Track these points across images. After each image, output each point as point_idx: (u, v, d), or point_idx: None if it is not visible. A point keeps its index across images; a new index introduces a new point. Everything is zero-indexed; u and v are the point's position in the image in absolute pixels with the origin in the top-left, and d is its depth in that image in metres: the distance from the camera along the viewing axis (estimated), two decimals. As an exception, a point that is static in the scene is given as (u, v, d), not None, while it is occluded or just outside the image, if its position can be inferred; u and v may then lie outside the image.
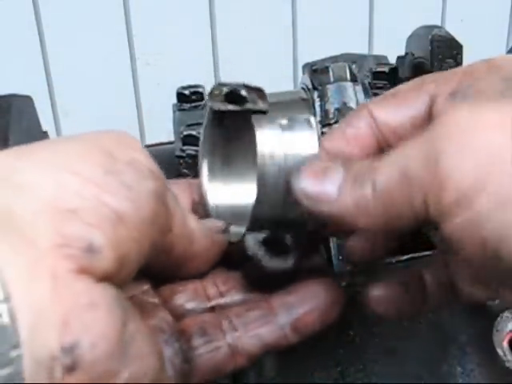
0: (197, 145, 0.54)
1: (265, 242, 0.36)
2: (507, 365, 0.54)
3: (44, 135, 0.63)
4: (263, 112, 0.38)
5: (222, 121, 0.40)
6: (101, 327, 0.26)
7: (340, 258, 0.52)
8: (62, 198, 0.28)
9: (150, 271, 0.34)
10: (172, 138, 0.58)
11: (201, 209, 0.41)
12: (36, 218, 0.27)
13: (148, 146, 0.66)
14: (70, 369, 0.25)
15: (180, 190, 0.40)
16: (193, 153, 0.54)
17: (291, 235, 0.37)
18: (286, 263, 0.36)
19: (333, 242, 0.52)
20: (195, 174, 0.55)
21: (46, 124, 0.64)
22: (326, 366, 0.55)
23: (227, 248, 0.38)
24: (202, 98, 0.60)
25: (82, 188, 0.28)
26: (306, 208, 0.33)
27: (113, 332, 0.27)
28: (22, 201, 0.27)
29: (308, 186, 0.32)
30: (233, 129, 0.40)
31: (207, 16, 1.05)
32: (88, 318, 0.26)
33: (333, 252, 0.52)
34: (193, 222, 0.36)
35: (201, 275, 0.38)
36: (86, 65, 1.05)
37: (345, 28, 1.12)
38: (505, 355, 0.54)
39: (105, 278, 0.28)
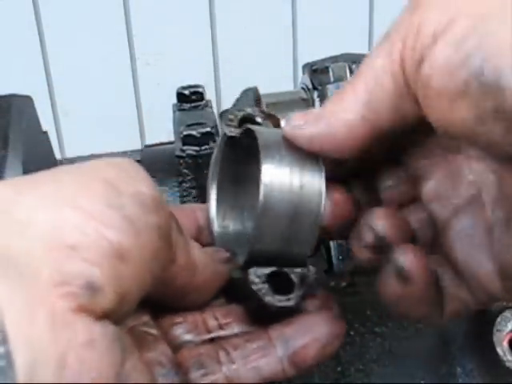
0: (197, 145, 0.54)
1: (269, 278, 0.36)
2: (507, 365, 0.54)
3: (44, 135, 0.63)
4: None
5: (235, 146, 0.39)
6: (98, 367, 0.26)
7: (340, 258, 0.52)
8: (62, 234, 0.27)
9: (151, 301, 0.33)
10: (172, 138, 0.58)
11: (206, 234, 0.40)
12: (35, 255, 0.26)
13: (148, 146, 0.66)
14: None
15: (185, 216, 0.39)
16: (193, 153, 0.54)
17: (297, 272, 0.36)
18: (289, 302, 0.35)
19: (333, 242, 0.52)
20: (195, 174, 0.55)
21: (46, 124, 0.64)
22: (325, 366, 0.55)
23: (230, 280, 0.38)
24: (202, 98, 0.60)
25: (82, 223, 0.28)
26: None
27: (110, 373, 0.26)
28: (21, 237, 0.27)
29: (296, 122, 0.35)
30: (244, 155, 0.39)
31: (207, 16, 1.05)
32: (86, 357, 0.26)
33: (333, 252, 0.52)
34: (196, 252, 0.35)
35: (201, 307, 0.37)
36: (85, 65, 1.05)
37: (345, 28, 1.12)
38: (505, 355, 0.54)
39: (104, 316, 0.27)
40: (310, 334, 0.36)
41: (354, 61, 0.55)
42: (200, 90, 0.60)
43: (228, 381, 0.35)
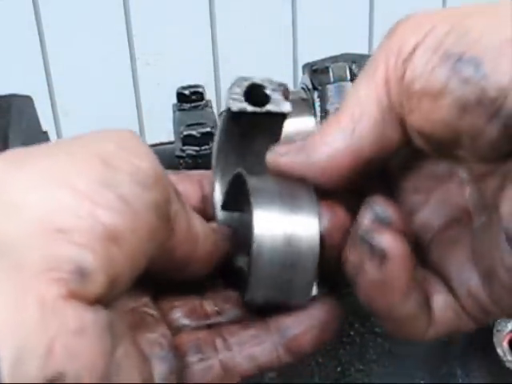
0: (197, 145, 0.54)
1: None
2: (507, 365, 0.54)
3: (44, 135, 0.63)
4: (284, 115, 0.36)
5: (239, 121, 0.37)
6: (88, 356, 0.25)
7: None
8: (53, 217, 0.26)
9: (150, 273, 0.32)
10: (172, 138, 0.58)
11: (209, 206, 0.39)
12: (24, 239, 0.25)
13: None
14: None
15: (190, 184, 0.39)
16: (193, 153, 0.54)
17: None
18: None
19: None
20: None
21: (46, 124, 0.64)
22: (325, 366, 0.55)
23: (230, 267, 0.38)
24: (202, 98, 0.60)
25: (75, 204, 0.26)
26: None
27: (100, 362, 0.26)
28: (10, 220, 0.26)
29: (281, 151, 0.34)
30: (249, 128, 0.37)
31: (207, 16, 1.05)
32: (75, 345, 0.25)
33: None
34: (197, 224, 0.34)
35: (200, 291, 0.37)
36: (85, 65, 1.05)
37: (345, 28, 1.12)
38: (505, 355, 0.54)
39: (96, 300, 0.26)
40: (307, 321, 0.35)
41: (353, 61, 0.55)
42: (200, 90, 0.60)
43: (223, 368, 0.35)
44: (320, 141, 0.33)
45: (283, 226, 0.33)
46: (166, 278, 0.36)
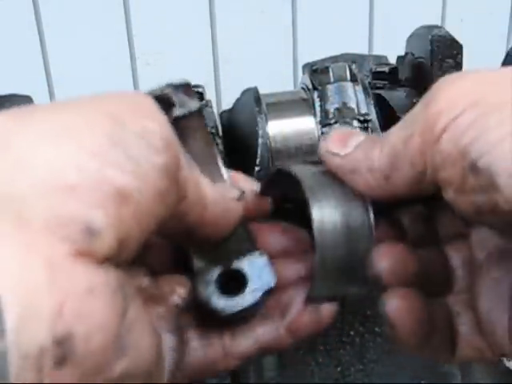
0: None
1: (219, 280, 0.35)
2: (507, 365, 0.54)
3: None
4: (200, 111, 0.35)
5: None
6: (98, 317, 0.24)
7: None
8: (62, 173, 0.25)
9: (161, 235, 0.32)
10: (172, 138, 0.58)
11: None
12: (31, 196, 0.24)
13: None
14: (61, 362, 0.23)
15: None
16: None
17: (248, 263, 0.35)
18: (242, 302, 0.34)
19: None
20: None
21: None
22: (326, 366, 0.55)
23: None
24: (202, 98, 0.60)
25: (84, 162, 0.25)
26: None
27: (110, 323, 0.25)
28: (17, 176, 0.25)
29: (332, 147, 0.35)
30: (181, 138, 0.35)
31: (207, 16, 1.05)
32: (85, 305, 0.24)
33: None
34: (208, 188, 0.33)
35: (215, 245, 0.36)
36: (86, 65, 1.05)
37: (345, 28, 1.12)
38: (505, 355, 0.54)
39: (105, 261, 0.25)
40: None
41: (354, 61, 0.55)
42: (200, 90, 0.60)
43: (224, 348, 0.35)
44: (363, 164, 0.33)
45: (340, 216, 0.34)
46: (176, 243, 0.35)
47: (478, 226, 0.35)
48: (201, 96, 0.60)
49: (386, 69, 0.57)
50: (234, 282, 0.35)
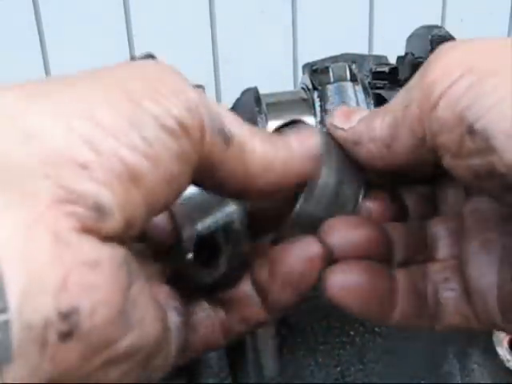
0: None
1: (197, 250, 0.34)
2: (507, 365, 0.54)
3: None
4: None
5: None
6: (104, 291, 0.24)
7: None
8: (74, 149, 0.25)
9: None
10: (172, 138, 0.58)
11: None
12: (40, 169, 0.24)
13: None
14: (66, 336, 0.23)
15: None
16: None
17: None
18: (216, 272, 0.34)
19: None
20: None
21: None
22: (326, 366, 0.55)
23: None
24: (202, 98, 0.60)
25: (98, 139, 0.25)
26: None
27: (116, 297, 0.25)
28: (27, 148, 0.24)
29: (336, 121, 0.36)
30: None
31: (207, 16, 1.05)
32: (90, 279, 0.24)
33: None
34: (257, 146, 0.31)
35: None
36: (86, 65, 1.05)
37: (345, 28, 1.12)
38: (505, 355, 0.54)
39: (110, 238, 0.25)
40: (283, 274, 0.35)
41: (354, 61, 0.55)
42: (200, 90, 0.60)
43: (223, 326, 0.36)
44: (365, 135, 0.35)
45: (334, 179, 0.35)
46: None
47: (473, 199, 0.36)
48: (201, 96, 0.60)
49: (386, 69, 0.57)
50: (209, 251, 0.35)
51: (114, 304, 0.25)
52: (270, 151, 0.32)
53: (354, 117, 0.36)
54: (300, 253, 0.34)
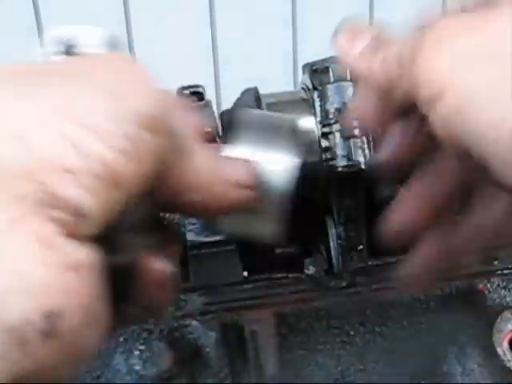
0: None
1: None
2: (507, 365, 0.54)
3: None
4: None
5: None
6: (82, 294, 0.25)
7: (340, 258, 0.52)
8: (59, 152, 0.25)
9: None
10: (172, 138, 0.58)
11: None
12: (24, 172, 0.24)
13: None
14: (46, 336, 0.23)
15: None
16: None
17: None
18: None
19: (333, 242, 0.52)
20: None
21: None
22: (326, 366, 0.55)
23: None
24: (202, 98, 0.60)
25: (86, 144, 0.26)
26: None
27: (92, 301, 0.25)
28: (12, 151, 0.25)
29: (343, 41, 0.42)
30: None
31: (207, 16, 1.05)
32: (70, 282, 0.24)
33: (333, 252, 0.52)
34: (202, 167, 0.32)
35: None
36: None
37: (345, 28, 1.12)
38: (505, 355, 0.54)
39: (89, 239, 0.26)
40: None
41: (354, 61, 0.54)
42: (200, 90, 0.60)
43: None
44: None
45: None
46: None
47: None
48: (201, 96, 0.60)
49: (386, 69, 0.56)
50: None
51: (91, 308, 0.25)
52: (204, 170, 0.32)
53: (359, 38, 0.40)
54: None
